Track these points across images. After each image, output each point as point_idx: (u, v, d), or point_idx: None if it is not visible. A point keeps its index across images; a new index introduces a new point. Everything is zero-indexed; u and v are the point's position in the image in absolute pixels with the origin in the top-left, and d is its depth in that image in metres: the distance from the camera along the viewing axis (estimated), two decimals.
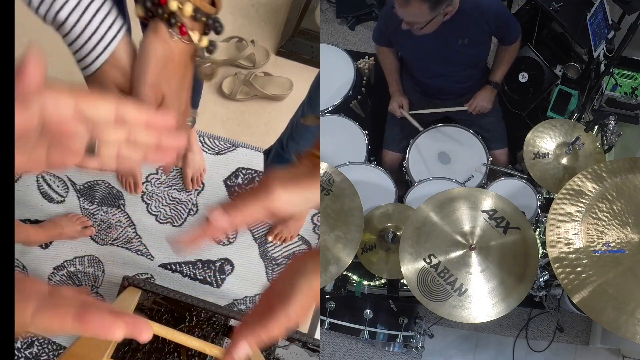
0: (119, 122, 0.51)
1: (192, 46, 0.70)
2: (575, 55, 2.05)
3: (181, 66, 0.71)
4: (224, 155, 2.11)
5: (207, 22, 0.70)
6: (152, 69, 0.68)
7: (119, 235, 1.98)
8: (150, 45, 0.68)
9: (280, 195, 0.59)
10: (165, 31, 0.67)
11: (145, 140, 0.54)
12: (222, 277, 1.99)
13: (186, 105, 0.75)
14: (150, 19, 0.68)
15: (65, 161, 0.51)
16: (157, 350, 1.46)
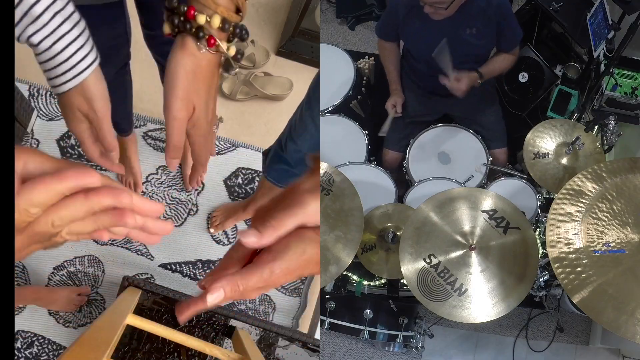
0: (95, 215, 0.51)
1: (218, 55, 0.71)
2: (575, 55, 2.05)
3: (209, 76, 0.72)
4: (224, 155, 2.11)
5: (233, 31, 0.71)
6: (182, 83, 0.69)
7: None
8: (180, 61, 0.69)
9: (313, 206, 0.57)
10: (192, 44, 0.68)
11: (130, 223, 0.53)
12: None
13: (213, 113, 0.76)
14: (176, 35, 0.70)
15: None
16: (157, 350, 1.46)
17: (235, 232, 2.04)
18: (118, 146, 0.81)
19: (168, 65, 0.70)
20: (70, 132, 0.78)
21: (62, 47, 0.69)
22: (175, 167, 0.76)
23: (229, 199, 2.08)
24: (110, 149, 0.80)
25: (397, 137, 1.93)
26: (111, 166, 0.82)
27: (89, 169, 0.49)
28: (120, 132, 1.86)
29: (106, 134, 0.78)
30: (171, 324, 1.49)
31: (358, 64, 2.02)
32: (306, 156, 0.67)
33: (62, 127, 2.03)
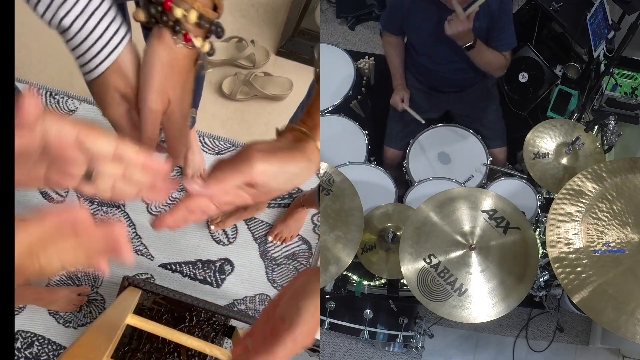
0: (116, 159, 0.53)
1: (194, 51, 0.71)
2: (575, 55, 2.05)
3: (185, 71, 0.71)
4: (224, 156, 2.11)
5: (210, 28, 0.71)
6: (158, 75, 0.69)
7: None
8: (156, 52, 0.68)
9: (259, 166, 0.58)
10: (169, 37, 0.68)
11: (140, 179, 0.55)
12: (222, 277, 1.99)
13: (188, 107, 0.76)
14: (153, 25, 0.69)
15: (62, 183, 0.53)
16: (157, 350, 1.46)
17: (234, 232, 2.04)
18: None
19: (144, 55, 0.69)
20: (108, 118, 0.74)
21: (94, 24, 0.67)
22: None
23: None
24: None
25: (398, 135, 1.93)
26: (154, 149, 0.79)
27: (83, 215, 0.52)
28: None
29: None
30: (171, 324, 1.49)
31: (358, 64, 2.02)
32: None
33: None
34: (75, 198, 1.99)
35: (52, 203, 1.98)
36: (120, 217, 1.99)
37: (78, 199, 1.99)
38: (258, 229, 2.05)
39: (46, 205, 1.96)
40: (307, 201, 1.90)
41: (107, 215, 1.98)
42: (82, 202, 1.99)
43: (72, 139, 0.49)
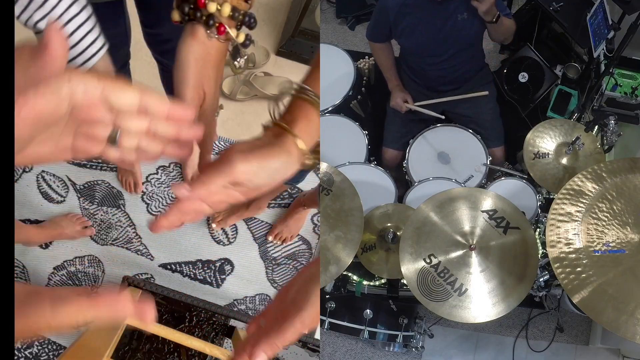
0: (141, 111, 0.52)
1: (226, 43, 0.72)
2: (575, 55, 2.05)
3: (218, 64, 0.73)
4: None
5: (242, 19, 0.72)
6: (193, 71, 0.70)
7: (119, 235, 1.98)
8: (190, 48, 0.69)
9: (239, 165, 0.59)
10: (202, 32, 0.69)
11: (165, 132, 0.54)
12: (222, 277, 1.99)
13: (218, 101, 0.77)
14: (186, 22, 0.70)
15: (89, 149, 0.52)
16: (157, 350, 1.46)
17: (234, 231, 2.04)
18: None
19: (178, 53, 0.70)
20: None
21: (70, 31, 0.68)
22: (188, 155, 0.77)
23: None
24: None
25: (396, 135, 1.93)
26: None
27: (125, 299, 0.53)
28: None
29: None
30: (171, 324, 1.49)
31: (358, 64, 2.02)
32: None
33: None
34: (75, 197, 1.99)
35: (53, 203, 1.98)
36: (120, 217, 1.99)
37: (78, 199, 1.99)
38: (258, 229, 2.05)
39: (46, 206, 1.97)
40: (308, 201, 1.90)
41: (106, 215, 1.98)
42: (82, 202, 1.99)
43: (98, 96, 0.48)
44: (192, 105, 0.71)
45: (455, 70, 1.82)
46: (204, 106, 0.73)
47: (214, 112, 0.76)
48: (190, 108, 0.57)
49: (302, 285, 0.62)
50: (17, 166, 0.47)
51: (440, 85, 1.88)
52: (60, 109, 0.46)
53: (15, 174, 1.98)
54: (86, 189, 2.01)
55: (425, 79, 1.87)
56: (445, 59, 1.78)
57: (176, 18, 0.70)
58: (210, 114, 0.75)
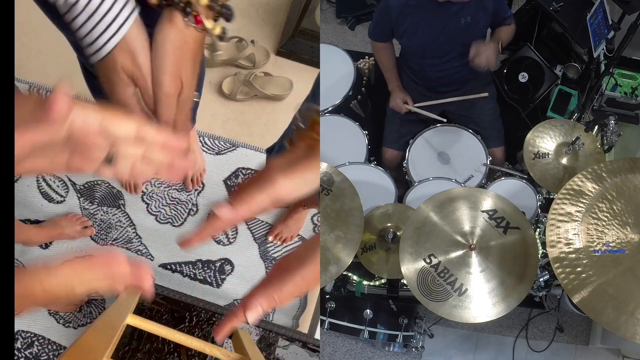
0: (138, 140, 0.54)
1: (203, 34, 0.71)
2: (575, 55, 2.05)
3: (195, 54, 0.72)
4: (224, 155, 2.11)
5: (220, 10, 0.71)
6: (171, 59, 0.69)
7: (119, 235, 1.98)
8: (168, 35, 0.68)
9: (283, 183, 0.59)
10: (180, 20, 0.68)
11: (159, 159, 0.56)
12: (222, 277, 1.99)
13: (194, 91, 0.76)
14: (164, 7, 0.68)
15: (83, 167, 0.54)
16: (157, 350, 1.46)
17: (234, 232, 2.04)
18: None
19: (155, 39, 0.69)
20: (115, 101, 0.72)
21: (100, 0, 0.66)
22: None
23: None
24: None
25: (396, 136, 1.93)
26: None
27: (119, 256, 0.57)
28: None
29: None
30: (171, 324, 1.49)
31: (358, 64, 2.02)
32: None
33: None
34: (75, 197, 1.99)
35: (53, 203, 1.98)
36: (120, 217, 1.99)
37: (78, 199, 1.99)
38: (258, 229, 2.05)
39: (46, 206, 1.97)
40: (308, 201, 1.90)
41: (106, 215, 1.98)
42: (82, 202, 1.99)
43: (97, 126, 0.50)
44: (172, 94, 0.70)
45: (456, 72, 1.82)
46: (181, 95, 0.72)
47: (190, 101, 0.75)
48: (185, 139, 0.59)
49: (302, 248, 0.62)
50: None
51: (440, 86, 1.88)
52: (57, 136, 0.49)
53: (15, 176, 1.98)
54: (86, 189, 2.01)
55: (425, 80, 1.87)
56: (446, 60, 1.78)
57: (153, 1, 0.68)
58: (187, 104, 0.74)
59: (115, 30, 0.67)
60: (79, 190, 2.01)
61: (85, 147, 0.51)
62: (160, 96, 0.70)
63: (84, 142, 0.51)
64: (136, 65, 0.69)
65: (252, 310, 0.57)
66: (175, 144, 0.56)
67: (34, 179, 1.99)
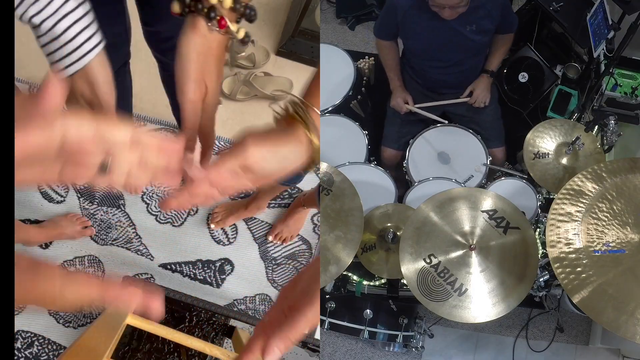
0: (134, 144, 0.53)
1: (226, 37, 0.71)
2: (575, 55, 2.05)
3: (219, 57, 0.72)
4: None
5: (243, 12, 0.71)
6: (195, 65, 0.69)
7: (119, 235, 1.98)
8: (191, 41, 0.68)
9: (252, 149, 0.60)
10: (203, 25, 0.68)
11: (155, 163, 0.56)
12: (222, 277, 1.99)
13: (219, 95, 0.76)
14: (186, 14, 0.68)
15: (77, 177, 0.53)
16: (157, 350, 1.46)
17: (234, 231, 2.04)
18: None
19: (179, 46, 0.69)
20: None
21: (65, 27, 0.67)
22: (194, 149, 0.74)
23: (229, 199, 2.08)
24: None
25: (396, 135, 1.93)
26: (195, 140, 0.78)
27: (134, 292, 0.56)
28: None
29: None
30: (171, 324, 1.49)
31: (358, 64, 2.02)
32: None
33: None
34: (75, 197, 1.99)
35: (53, 203, 1.98)
36: (120, 217, 1.99)
37: (78, 199, 1.99)
38: (258, 229, 2.05)
39: (46, 206, 1.97)
40: (308, 201, 1.90)
41: (106, 215, 1.98)
42: (82, 202, 1.99)
43: (91, 134, 0.50)
44: (195, 100, 0.71)
45: (458, 75, 1.83)
46: (206, 100, 0.72)
47: (215, 106, 0.75)
48: (180, 140, 0.59)
49: (306, 281, 0.62)
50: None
51: (442, 87, 1.88)
52: (51, 145, 0.48)
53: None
54: (86, 189, 2.01)
55: (426, 81, 1.87)
56: (449, 65, 1.79)
57: (176, 10, 0.69)
58: (212, 109, 0.75)
59: (77, 59, 0.68)
60: (79, 190, 2.01)
61: (78, 156, 0.51)
62: (184, 102, 0.70)
63: (78, 150, 0.50)
64: (95, 96, 0.70)
65: (271, 356, 0.58)
66: (171, 145, 0.56)
67: None
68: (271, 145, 0.62)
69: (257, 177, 0.62)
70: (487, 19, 1.68)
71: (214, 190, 0.62)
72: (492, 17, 1.69)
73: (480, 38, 1.72)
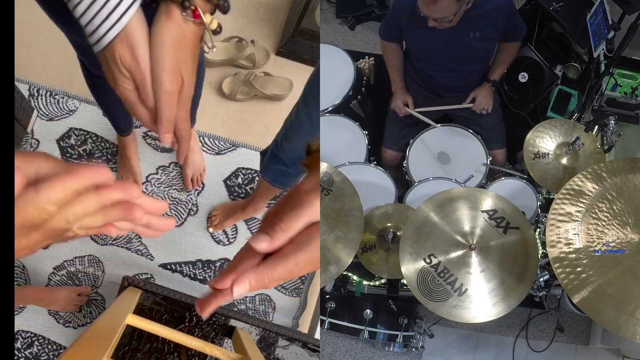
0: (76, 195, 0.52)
1: (200, 28, 0.70)
2: (575, 55, 2.05)
3: (194, 47, 0.70)
4: (224, 155, 2.11)
5: (217, 2, 0.69)
6: (170, 55, 0.67)
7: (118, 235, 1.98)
8: (166, 30, 0.67)
9: (317, 205, 0.58)
10: (178, 14, 0.66)
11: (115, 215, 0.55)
12: None
13: (194, 87, 0.74)
14: (160, 1, 0.67)
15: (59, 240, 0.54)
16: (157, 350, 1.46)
17: (234, 231, 2.04)
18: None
19: (153, 34, 0.67)
20: (118, 94, 0.71)
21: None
22: (170, 141, 0.73)
23: (229, 198, 2.08)
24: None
25: (396, 137, 1.93)
26: (165, 134, 0.75)
27: (102, 167, 0.52)
28: (120, 132, 1.86)
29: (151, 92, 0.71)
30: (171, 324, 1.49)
31: (358, 64, 2.02)
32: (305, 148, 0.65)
33: (62, 127, 2.03)
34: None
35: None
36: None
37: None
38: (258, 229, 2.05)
39: None
40: None
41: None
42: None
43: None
44: (172, 90, 0.69)
45: (460, 79, 1.83)
46: (182, 91, 0.71)
47: (190, 97, 0.74)
48: (161, 203, 0.58)
49: (298, 235, 0.58)
50: None
51: (444, 91, 1.88)
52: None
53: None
54: None
55: (428, 83, 1.87)
56: (451, 69, 1.79)
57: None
58: (188, 101, 0.73)
59: (116, 21, 0.65)
60: None
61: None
62: (161, 93, 0.69)
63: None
64: (134, 59, 0.68)
65: (240, 285, 0.54)
66: (154, 206, 0.57)
67: None
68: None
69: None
70: (491, 27, 1.67)
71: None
72: (496, 25, 1.68)
73: (483, 45, 1.72)
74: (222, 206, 2.04)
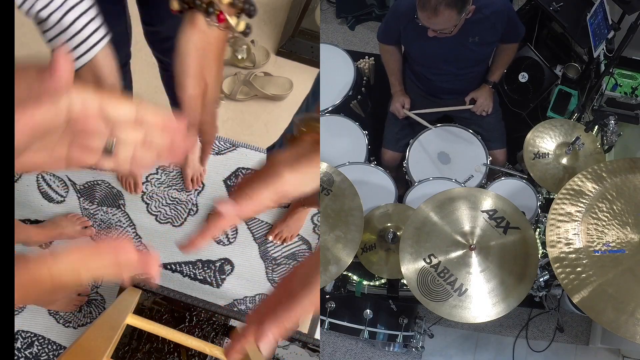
0: (137, 123, 0.52)
1: (225, 32, 0.71)
2: (575, 55, 2.05)
3: (218, 52, 0.72)
4: (224, 155, 2.11)
5: (242, 7, 0.71)
6: (194, 61, 0.69)
7: (119, 235, 1.98)
8: (190, 37, 0.68)
9: (289, 177, 0.58)
10: (202, 21, 0.68)
11: (160, 142, 0.54)
12: (222, 277, 1.99)
13: (219, 90, 0.76)
14: (185, 11, 0.69)
15: (83, 159, 0.52)
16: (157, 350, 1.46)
17: (235, 231, 2.04)
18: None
19: (178, 43, 0.69)
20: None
21: (73, 18, 0.67)
22: (193, 146, 0.73)
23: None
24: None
25: (396, 138, 1.93)
26: (196, 135, 0.77)
27: (127, 244, 0.55)
28: None
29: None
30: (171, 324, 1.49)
31: (358, 64, 2.02)
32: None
33: None
34: (75, 198, 1.99)
35: (53, 203, 1.98)
36: (120, 217, 1.99)
37: (78, 199, 1.99)
38: (258, 229, 2.05)
39: (46, 206, 1.97)
40: (308, 200, 1.90)
41: (106, 215, 1.98)
42: (82, 202, 1.99)
43: (96, 109, 0.49)
44: (195, 95, 0.70)
45: (459, 82, 1.83)
46: (206, 97, 0.72)
47: (215, 102, 0.75)
48: (184, 118, 0.58)
49: (304, 272, 0.60)
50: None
51: (443, 94, 1.88)
52: (57, 119, 0.47)
53: (15, 174, 1.99)
54: (86, 189, 2.01)
55: (428, 87, 1.87)
56: (450, 72, 1.79)
57: (175, 7, 0.69)
58: (212, 105, 0.74)
59: (84, 51, 0.68)
60: (79, 190, 2.01)
61: (84, 136, 0.50)
62: (184, 99, 0.70)
63: (84, 127, 0.49)
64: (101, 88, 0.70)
65: (265, 341, 0.55)
66: (175, 124, 0.55)
67: (34, 179, 2.00)
68: (305, 167, 0.59)
69: (284, 198, 0.60)
70: (491, 31, 1.67)
71: (238, 218, 0.60)
72: (496, 29, 1.68)
73: (482, 50, 1.72)
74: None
